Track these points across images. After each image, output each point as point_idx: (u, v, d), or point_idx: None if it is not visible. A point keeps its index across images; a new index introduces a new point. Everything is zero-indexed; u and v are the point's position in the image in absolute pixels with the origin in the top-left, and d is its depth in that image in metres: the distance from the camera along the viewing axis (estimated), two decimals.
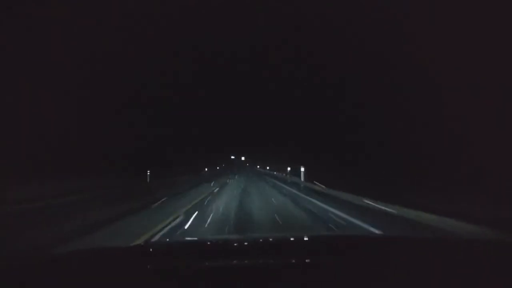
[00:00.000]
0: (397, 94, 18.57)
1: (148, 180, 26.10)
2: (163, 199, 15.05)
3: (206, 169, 52.05)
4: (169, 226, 8.52)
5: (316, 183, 24.67)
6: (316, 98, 36.66)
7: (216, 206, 13.03)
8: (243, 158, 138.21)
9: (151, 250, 2.02)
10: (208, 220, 9.55)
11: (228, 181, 34.35)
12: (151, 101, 28.56)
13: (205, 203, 14.44)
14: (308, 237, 2.55)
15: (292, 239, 2.51)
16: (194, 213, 10.93)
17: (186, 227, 8.57)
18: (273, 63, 46.77)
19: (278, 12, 26.23)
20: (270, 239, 2.52)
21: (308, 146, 33.83)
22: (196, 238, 4.86)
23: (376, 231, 7.90)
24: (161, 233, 7.63)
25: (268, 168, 69.42)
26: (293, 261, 1.58)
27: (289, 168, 38.60)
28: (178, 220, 9.43)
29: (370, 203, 13.27)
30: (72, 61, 16.28)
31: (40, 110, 14.55)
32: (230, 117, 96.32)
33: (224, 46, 36.56)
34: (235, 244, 2.23)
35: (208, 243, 2.40)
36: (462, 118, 12.49)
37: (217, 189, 23.19)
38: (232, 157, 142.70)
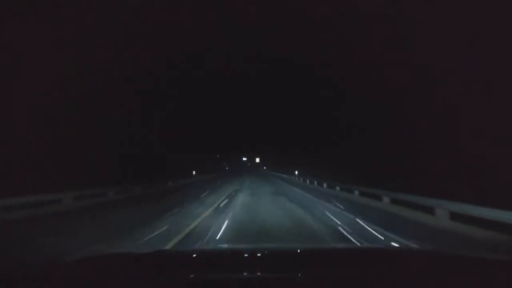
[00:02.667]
0: (397, 94, 18.51)
1: None
2: None
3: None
4: None
5: None
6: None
7: None
8: (257, 160, 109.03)
9: (162, 258, 2.00)
10: None
11: None
12: (151, 100, 28.61)
13: None
14: (325, 249, 2.54)
15: (307, 250, 2.47)
16: None
17: None
18: (272, 63, 46.98)
19: (278, 12, 26.23)
20: (285, 250, 2.48)
21: None
22: (209, 247, 4.82)
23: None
24: None
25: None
26: (308, 273, 1.53)
27: None
28: None
29: None
30: (71, 61, 16.27)
31: (35, 110, 14.53)
32: (233, 116, 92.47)
33: (225, 48, 36.70)
34: (248, 255, 2.20)
35: (221, 252, 2.39)
36: (460, 118, 12.40)
37: None
38: (244, 158, 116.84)
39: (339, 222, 8.77)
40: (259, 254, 2.24)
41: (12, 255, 5.29)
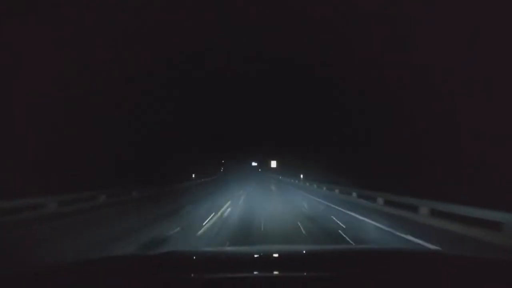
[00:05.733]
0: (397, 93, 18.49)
1: None
2: None
3: None
4: None
5: None
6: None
7: None
8: (273, 165, 76.52)
9: (164, 259, 1.99)
10: None
11: None
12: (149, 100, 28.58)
13: None
14: (326, 250, 2.51)
15: (309, 251, 2.45)
16: None
17: None
18: (272, 63, 47.02)
19: (278, 12, 26.23)
20: (287, 252, 2.46)
21: None
22: (212, 249, 4.80)
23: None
24: None
25: None
26: (310, 274, 1.51)
27: None
28: None
29: None
30: (71, 61, 16.24)
31: (35, 110, 14.50)
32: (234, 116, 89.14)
33: (225, 48, 36.64)
34: (250, 256, 2.20)
35: (224, 254, 2.37)
36: (460, 118, 12.37)
37: None
38: (254, 163, 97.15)
39: None
40: (263, 255, 2.22)
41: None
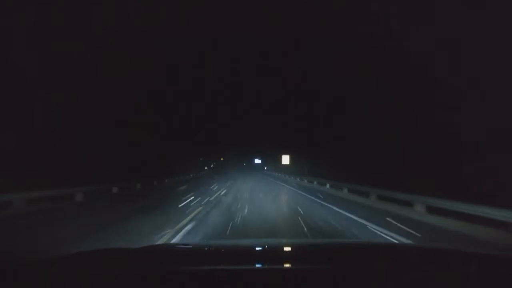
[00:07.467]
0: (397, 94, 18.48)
1: None
2: None
3: None
4: None
5: None
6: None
7: None
8: (286, 161, 52.65)
9: (155, 252, 1.97)
10: None
11: None
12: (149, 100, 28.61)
13: None
14: (324, 244, 2.47)
15: (298, 244, 2.41)
16: None
17: None
18: (274, 66, 47.07)
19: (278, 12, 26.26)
20: (285, 245, 2.42)
21: None
22: (204, 242, 4.73)
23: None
24: None
25: None
26: (296, 267, 1.47)
27: None
28: None
29: None
30: (71, 62, 16.25)
31: (35, 110, 14.51)
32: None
33: (226, 49, 36.71)
34: (243, 250, 2.15)
35: (215, 248, 2.32)
36: (460, 118, 12.35)
37: None
38: (257, 160, 77.02)
39: None
40: (258, 248, 2.19)
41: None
